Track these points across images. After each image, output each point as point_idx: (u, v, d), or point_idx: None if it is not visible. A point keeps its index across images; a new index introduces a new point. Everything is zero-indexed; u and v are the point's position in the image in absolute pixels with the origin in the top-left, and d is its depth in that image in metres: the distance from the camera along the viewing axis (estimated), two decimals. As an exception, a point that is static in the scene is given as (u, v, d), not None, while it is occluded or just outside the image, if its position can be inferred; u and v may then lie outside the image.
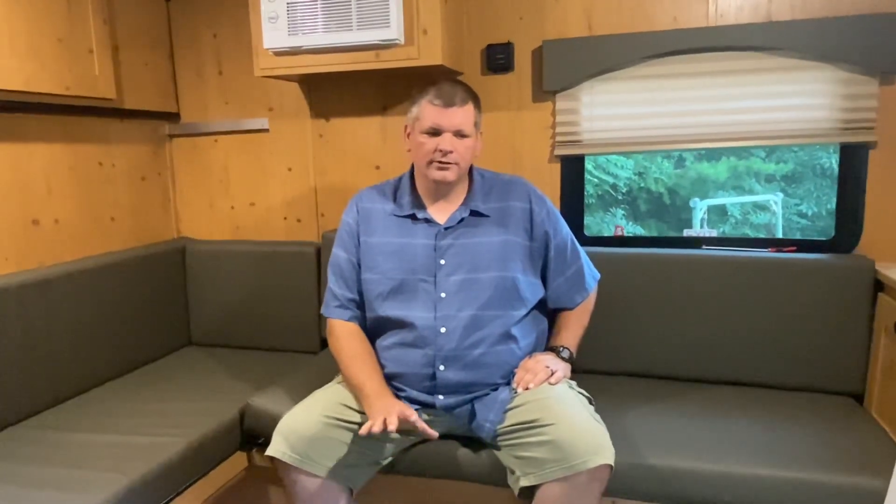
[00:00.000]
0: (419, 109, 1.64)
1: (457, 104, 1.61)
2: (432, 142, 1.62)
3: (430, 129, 1.61)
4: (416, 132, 1.64)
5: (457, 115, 1.61)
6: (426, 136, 1.62)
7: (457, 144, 1.62)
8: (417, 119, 1.64)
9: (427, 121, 1.61)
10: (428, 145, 1.62)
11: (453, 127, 1.61)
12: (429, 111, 1.61)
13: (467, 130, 1.63)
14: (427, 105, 1.62)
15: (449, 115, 1.60)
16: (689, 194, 7.74)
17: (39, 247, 2.09)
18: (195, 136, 2.64)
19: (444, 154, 1.61)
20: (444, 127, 1.61)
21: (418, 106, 1.64)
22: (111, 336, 2.18)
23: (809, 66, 1.97)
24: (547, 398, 1.53)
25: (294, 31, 2.04)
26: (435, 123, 1.61)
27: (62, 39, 2.01)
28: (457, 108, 1.61)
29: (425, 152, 1.63)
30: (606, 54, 2.10)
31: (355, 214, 1.76)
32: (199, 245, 2.56)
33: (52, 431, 1.78)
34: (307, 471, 1.51)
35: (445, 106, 1.60)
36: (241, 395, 1.98)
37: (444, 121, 1.60)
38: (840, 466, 1.50)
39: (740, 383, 1.98)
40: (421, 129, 1.63)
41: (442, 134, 1.61)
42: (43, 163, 2.11)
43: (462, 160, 1.64)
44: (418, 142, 1.64)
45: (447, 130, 1.61)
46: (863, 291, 1.87)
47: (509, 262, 1.67)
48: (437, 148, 1.61)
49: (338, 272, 1.75)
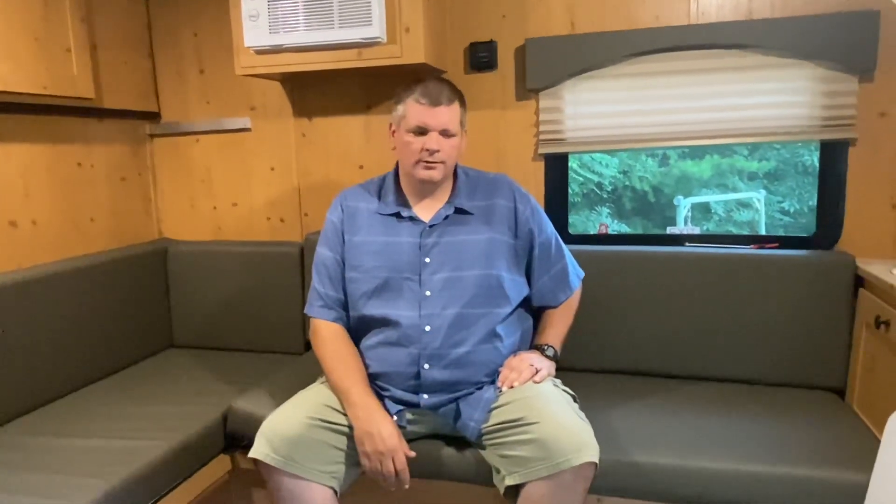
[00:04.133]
0: (405, 108, 1.62)
1: (443, 103, 1.60)
2: (419, 141, 1.61)
3: (417, 128, 1.60)
4: (402, 131, 1.63)
5: (443, 114, 1.60)
6: (412, 136, 1.61)
7: (443, 143, 1.61)
8: (403, 118, 1.63)
9: (413, 120, 1.60)
10: (414, 144, 1.61)
11: (440, 126, 1.61)
12: (415, 110, 1.60)
13: (453, 129, 1.63)
14: (413, 104, 1.61)
15: (435, 114, 1.60)
16: (674, 192, 7.79)
17: (17, 249, 2.06)
18: (176, 135, 2.61)
19: (431, 153, 1.60)
20: (431, 126, 1.60)
21: (404, 105, 1.63)
22: (91, 339, 2.15)
23: (790, 63, 1.99)
24: (531, 397, 1.53)
25: (275, 30, 2.02)
26: (422, 122, 1.60)
27: (39, 38, 1.98)
28: (443, 108, 1.60)
29: (412, 151, 1.62)
30: (589, 52, 2.10)
31: (340, 213, 1.75)
32: (181, 246, 2.53)
33: (31, 436, 1.75)
34: (290, 472, 1.50)
35: (432, 105, 1.59)
36: (225, 397, 1.96)
37: (431, 120, 1.60)
38: (822, 461, 1.51)
39: (723, 379, 1.99)
40: (407, 128, 1.62)
41: (428, 133, 1.61)
42: (20, 163, 2.07)
43: (448, 159, 1.64)
44: (404, 141, 1.63)
45: (434, 129, 1.60)
46: (843, 287, 1.89)
47: (494, 259, 1.67)
48: (423, 147, 1.60)
49: (322, 271, 1.74)
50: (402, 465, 1.50)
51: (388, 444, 1.49)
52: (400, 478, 1.50)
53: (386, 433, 1.50)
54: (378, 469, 1.50)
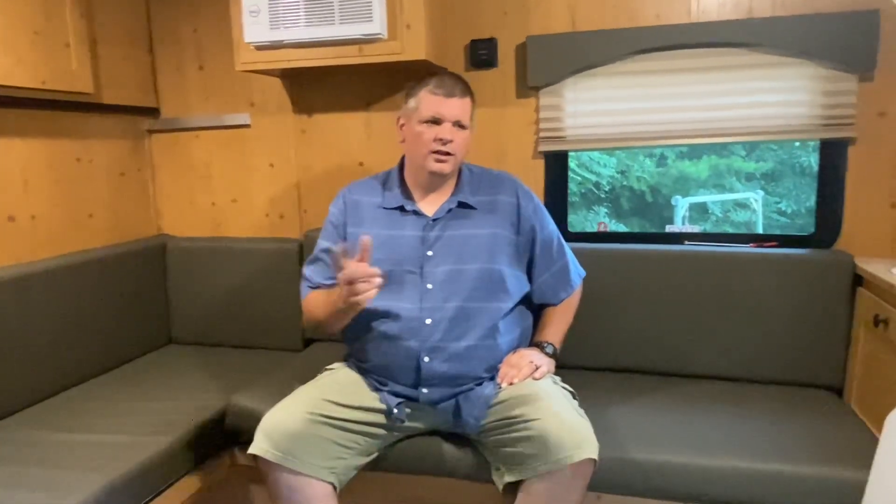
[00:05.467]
0: (417, 100, 1.64)
1: (457, 95, 1.62)
2: (432, 131, 1.62)
3: (431, 118, 1.61)
4: (414, 122, 1.64)
5: (457, 105, 1.62)
6: (426, 126, 1.62)
7: (456, 135, 1.63)
8: (416, 109, 1.64)
9: (428, 110, 1.61)
10: (427, 134, 1.62)
11: (454, 117, 1.62)
12: (430, 100, 1.62)
13: (465, 122, 1.65)
14: (427, 95, 1.62)
15: (450, 104, 1.61)
16: (671, 192, 7.80)
17: (16, 244, 2.05)
18: (175, 131, 2.60)
19: (444, 143, 1.61)
20: (445, 116, 1.61)
21: (416, 97, 1.64)
22: (90, 335, 2.14)
23: (790, 62, 1.99)
24: (531, 394, 1.53)
25: (276, 25, 2.02)
26: (436, 112, 1.61)
27: (38, 33, 1.97)
28: (457, 99, 1.62)
29: (424, 142, 1.62)
30: (590, 50, 2.10)
31: (342, 205, 1.76)
32: (180, 242, 2.53)
33: (31, 431, 1.75)
34: (290, 468, 1.50)
35: (447, 96, 1.61)
36: (224, 393, 1.96)
37: (446, 110, 1.61)
38: (821, 459, 1.52)
39: (722, 377, 2.00)
40: (420, 119, 1.63)
41: (442, 123, 1.62)
42: (19, 158, 2.06)
43: (458, 152, 1.65)
44: (416, 132, 1.64)
45: (448, 120, 1.62)
46: (842, 286, 1.89)
47: (496, 254, 1.67)
48: (436, 137, 1.61)
49: (317, 261, 1.76)
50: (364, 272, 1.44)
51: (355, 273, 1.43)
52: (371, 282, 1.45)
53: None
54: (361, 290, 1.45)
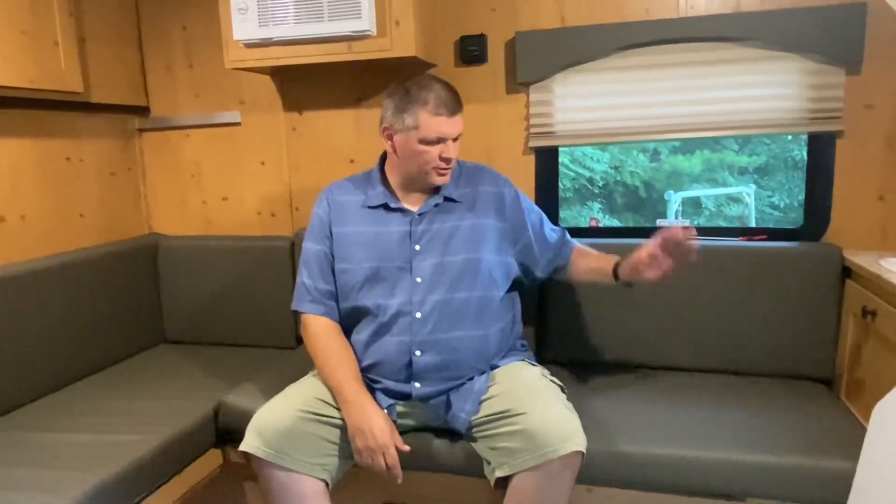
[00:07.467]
0: (416, 119, 1.58)
1: (459, 111, 1.62)
2: (436, 150, 1.61)
3: (436, 139, 1.60)
4: (413, 141, 1.60)
5: (459, 121, 1.62)
6: (429, 146, 1.61)
7: (456, 148, 1.64)
8: (415, 128, 1.59)
9: (432, 132, 1.58)
10: (431, 153, 1.61)
11: (456, 133, 1.63)
12: (434, 122, 1.58)
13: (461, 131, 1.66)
14: (430, 116, 1.57)
15: (453, 122, 1.61)
16: (665, 187, 7.82)
17: (6, 244, 2.05)
18: (166, 129, 2.59)
19: (449, 161, 1.63)
20: (449, 135, 1.61)
21: (413, 115, 1.58)
22: (82, 334, 2.14)
23: (778, 56, 2.00)
24: (520, 388, 1.54)
25: (264, 23, 2.02)
26: (441, 133, 1.59)
27: (26, 32, 1.96)
28: (459, 116, 1.62)
29: (427, 160, 1.62)
30: (579, 46, 2.10)
31: (326, 207, 1.76)
32: (171, 241, 2.52)
33: (22, 431, 1.75)
34: (281, 465, 1.50)
35: (450, 115, 1.59)
36: (216, 392, 1.96)
37: (450, 129, 1.61)
38: (810, 449, 1.53)
39: (712, 370, 2.01)
40: (424, 140, 1.60)
41: (446, 142, 1.61)
42: (8, 158, 2.06)
43: (455, 160, 1.67)
44: (417, 150, 1.61)
45: (450, 138, 1.62)
46: (831, 278, 1.90)
47: (481, 244, 1.68)
48: (441, 156, 1.61)
49: (310, 265, 1.74)
50: (393, 460, 1.50)
51: (380, 441, 1.49)
52: (392, 472, 1.51)
53: (377, 429, 1.50)
54: (370, 465, 1.51)
